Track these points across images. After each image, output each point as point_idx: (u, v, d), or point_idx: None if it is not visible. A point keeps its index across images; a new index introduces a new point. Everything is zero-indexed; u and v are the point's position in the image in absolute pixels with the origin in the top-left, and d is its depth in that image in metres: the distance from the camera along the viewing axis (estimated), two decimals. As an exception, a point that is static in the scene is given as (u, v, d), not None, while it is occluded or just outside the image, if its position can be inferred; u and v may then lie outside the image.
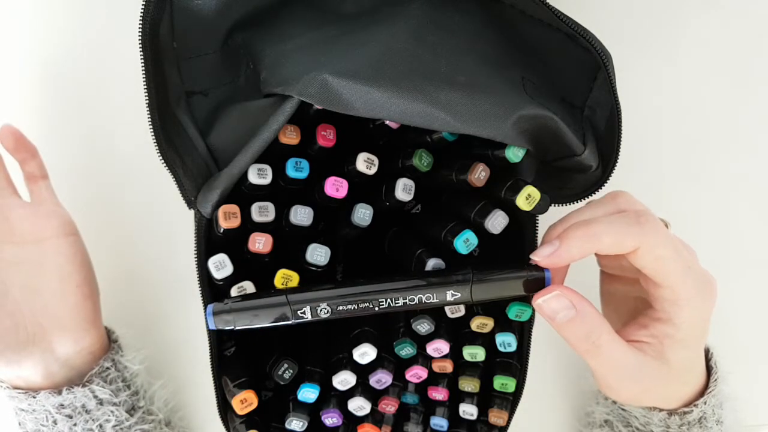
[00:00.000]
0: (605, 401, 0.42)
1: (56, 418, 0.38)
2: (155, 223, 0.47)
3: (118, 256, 0.47)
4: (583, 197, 0.38)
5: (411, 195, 0.35)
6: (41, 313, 0.38)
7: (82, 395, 0.39)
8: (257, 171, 0.34)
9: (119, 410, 0.40)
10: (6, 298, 0.38)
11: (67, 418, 0.38)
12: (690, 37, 0.48)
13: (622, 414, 0.40)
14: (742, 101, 0.48)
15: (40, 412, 0.38)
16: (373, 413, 0.38)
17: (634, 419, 0.39)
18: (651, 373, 0.34)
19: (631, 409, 0.39)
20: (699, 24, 0.44)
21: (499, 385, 0.39)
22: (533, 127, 0.33)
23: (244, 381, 0.36)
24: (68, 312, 0.39)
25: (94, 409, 0.39)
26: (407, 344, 0.37)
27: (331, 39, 0.35)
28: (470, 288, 0.32)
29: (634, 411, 0.39)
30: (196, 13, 0.35)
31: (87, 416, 0.39)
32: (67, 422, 0.38)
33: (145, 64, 0.34)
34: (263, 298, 0.33)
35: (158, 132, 0.35)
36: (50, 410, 0.38)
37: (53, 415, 0.38)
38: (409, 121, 0.31)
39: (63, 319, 0.39)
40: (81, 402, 0.39)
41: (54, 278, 0.39)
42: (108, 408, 0.40)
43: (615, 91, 0.34)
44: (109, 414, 0.39)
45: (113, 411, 0.40)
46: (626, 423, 0.40)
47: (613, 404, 0.41)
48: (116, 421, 0.40)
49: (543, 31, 0.36)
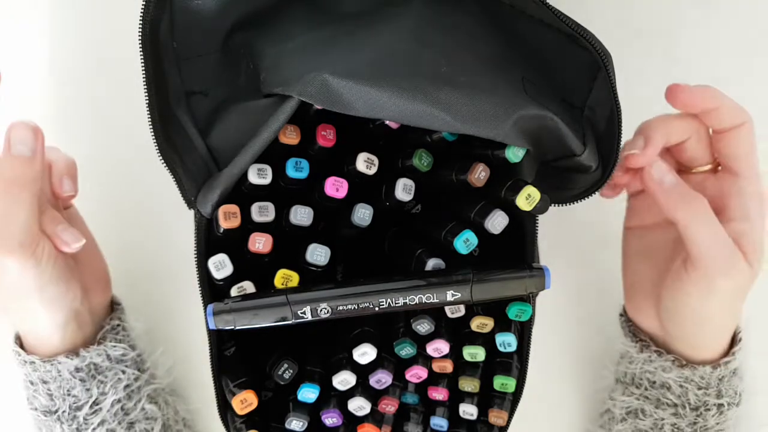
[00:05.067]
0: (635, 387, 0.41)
1: (71, 385, 0.39)
2: (155, 223, 0.47)
3: (118, 255, 0.46)
4: (583, 197, 0.38)
5: (411, 195, 0.35)
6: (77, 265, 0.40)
7: (97, 354, 0.40)
8: (257, 171, 0.34)
9: (130, 369, 0.41)
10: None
11: (81, 383, 0.39)
12: (690, 37, 0.48)
13: (655, 394, 0.40)
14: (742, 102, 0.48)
15: (54, 380, 0.39)
16: (373, 413, 0.38)
17: (668, 393, 0.39)
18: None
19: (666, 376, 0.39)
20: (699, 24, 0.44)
21: (499, 385, 0.39)
22: (533, 128, 0.33)
23: (244, 381, 0.36)
24: (95, 266, 0.42)
25: (107, 369, 0.40)
26: (407, 344, 0.37)
27: (331, 39, 0.35)
28: (470, 288, 0.32)
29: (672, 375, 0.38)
30: (196, 13, 0.35)
31: (100, 377, 0.40)
32: (81, 387, 0.39)
33: (145, 64, 0.34)
34: (263, 298, 0.33)
35: (158, 132, 0.35)
36: (66, 376, 0.39)
37: (68, 381, 0.39)
38: (409, 121, 0.31)
39: (93, 273, 0.41)
40: (95, 361, 0.40)
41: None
42: (119, 367, 0.41)
43: (615, 91, 0.34)
44: (120, 374, 0.41)
45: (124, 370, 0.41)
46: (657, 402, 0.40)
47: (648, 386, 0.40)
48: (127, 381, 0.41)
49: (543, 31, 0.36)
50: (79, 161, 0.44)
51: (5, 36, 0.46)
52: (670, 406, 0.39)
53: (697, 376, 0.38)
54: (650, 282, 0.39)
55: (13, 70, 0.46)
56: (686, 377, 0.38)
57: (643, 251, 0.39)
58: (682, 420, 0.39)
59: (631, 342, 0.41)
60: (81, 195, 0.43)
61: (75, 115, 0.46)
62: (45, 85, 0.46)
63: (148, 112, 0.34)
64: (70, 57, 0.46)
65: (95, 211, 0.44)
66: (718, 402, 0.38)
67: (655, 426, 0.40)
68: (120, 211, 0.47)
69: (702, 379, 0.38)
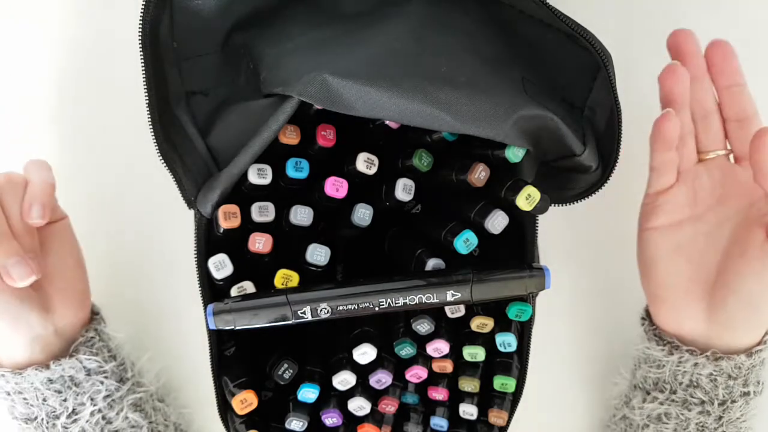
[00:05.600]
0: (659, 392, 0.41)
1: (45, 395, 0.38)
2: (155, 223, 0.47)
3: (118, 255, 0.46)
4: (583, 197, 0.38)
5: (411, 195, 0.35)
6: (47, 286, 0.39)
7: (70, 366, 0.39)
8: (257, 171, 0.34)
9: (108, 380, 0.40)
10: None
11: (56, 394, 0.38)
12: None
13: (682, 396, 0.39)
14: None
15: (28, 390, 0.38)
16: (373, 413, 0.38)
17: (696, 391, 0.39)
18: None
19: (700, 372, 0.38)
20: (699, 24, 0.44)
21: (499, 385, 0.39)
22: (533, 127, 0.33)
23: (244, 381, 0.36)
24: (70, 285, 0.40)
25: (83, 380, 0.39)
26: (407, 344, 0.37)
27: (331, 39, 0.35)
28: (470, 288, 0.32)
29: (706, 370, 0.38)
30: (196, 13, 0.35)
31: (77, 389, 0.39)
32: (57, 398, 0.38)
33: (145, 64, 0.34)
34: (263, 298, 0.33)
35: (158, 132, 0.35)
36: (39, 387, 0.38)
37: (42, 392, 0.38)
38: (409, 121, 0.31)
39: (66, 292, 0.39)
40: (69, 374, 0.39)
41: (58, 253, 0.40)
42: (97, 378, 0.40)
43: (615, 91, 0.34)
44: (98, 384, 0.40)
45: (102, 381, 0.40)
46: (684, 402, 0.39)
47: (677, 388, 0.40)
48: (107, 392, 0.40)
49: (543, 31, 0.36)
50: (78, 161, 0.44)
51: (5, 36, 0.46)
52: (697, 404, 0.39)
53: (731, 366, 0.38)
54: (687, 278, 0.38)
55: (13, 70, 0.46)
56: (721, 369, 0.38)
57: (673, 250, 0.39)
58: (708, 417, 0.39)
59: (658, 346, 0.40)
60: (81, 195, 0.43)
61: (75, 115, 0.46)
62: (45, 85, 0.46)
63: (148, 112, 0.34)
64: (71, 57, 0.46)
65: (95, 211, 0.44)
66: (744, 390, 0.38)
67: (679, 427, 0.40)
68: (120, 211, 0.47)
69: (735, 368, 0.38)
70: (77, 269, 0.41)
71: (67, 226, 0.41)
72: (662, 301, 0.40)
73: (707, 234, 0.38)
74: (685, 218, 0.38)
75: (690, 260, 0.38)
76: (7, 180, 0.37)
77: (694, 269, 0.38)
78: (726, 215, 0.38)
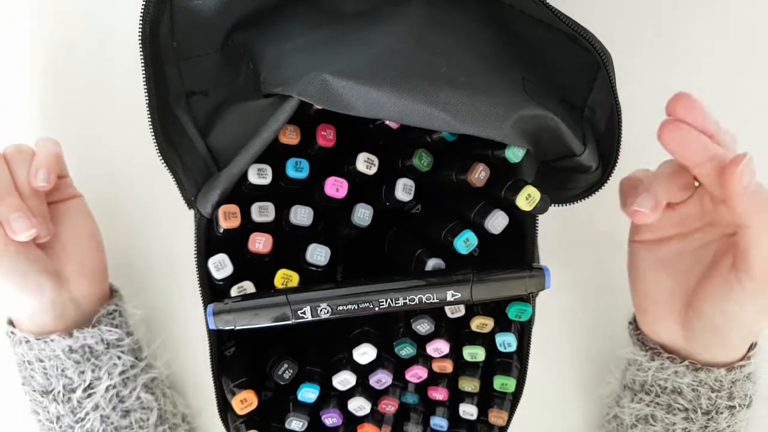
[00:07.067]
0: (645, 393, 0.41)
1: (65, 365, 0.40)
2: (155, 223, 0.47)
3: (118, 255, 0.47)
4: (583, 197, 0.38)
5: (411, 195, 0.35)
6: (61, 255, 0.41)
7: (91, 336, 0.40)
8: (257, 171, 0.34)
9: (125, 356, 0.42)
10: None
11: (75, 365, 0.40)
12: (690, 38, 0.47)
13: (666, 400, 0.40)
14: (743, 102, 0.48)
15: (49, 358, 0.39)
16: (373, 413, 0.38)
17: (679, 398, 0.39)
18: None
19: (680, 381, 0.39)
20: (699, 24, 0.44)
21: (499, 385, 0.39)
22: (533, 128, 0.33)
23: (244, 381, 0.36)
24: (85, 257, 0.42)
25: (102, 353, 0.41)
26: (407, 344, 0.37)
27: (331, 39, 0.35)
28: (470, 288, 0.32)
29: (686, 380, 0.38)
30: (196, 13, 0.35)
31: (95, 361, 0.40)
32: (75, 369, 0.40)
33: (145, 64, 0.34)
34: (263, 298, 0.33)
35: (158, 132, 0.35)
36: (60, 355, 0.39)
37: (63, 360, 0.40)
38: (409, 121, 0.31)
39: (81, 264, 0.41)
40: (89, 343, 0.40)
41: (71, 226, 0.41)
42: (114, 352, 0.41)
43: (615, 91, 0.34)
44: (116, 359, 0.41)
45: (120, 356, 0.42)
46: (668, 407, 0.40)
47: (660, 392, 0.40)
48: (122, 367, 0.42)
49: (543, 31, 0.36)
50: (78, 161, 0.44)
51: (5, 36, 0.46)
52: (681, 410, 0.39)
53: (711, 379, 0.38)
54: (669, 292, 0.38)
55: (13, 70, 0.46)
56: (701, 380, 0.38)
57: (658, 264, 0.39)
58: (693, 424, 0.39)
59: (641, 351, 0.41)
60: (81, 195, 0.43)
61: (75, 115, 0.46)
62: (45, 85, 0.46)
63: (148, 112, 0.34)
64: (71, 57, 0.46)
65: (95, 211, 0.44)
66: (729, 404, 0.38)
67: (666, 430, 0.40)
68: (120, 211, 0.47)
69: (716, 381, 0.38)
70: (92, 245, 0.42)
71: (82, 204, 0.43)
72: (644, 311, 0.40)
73: (694, 252, 0.38)
74: (670, 236, 0.38)
75: (673, 276, 0.38)
76: (17, 149, 0.40)
77: (676, 285, 0.38)
78: (713, 237, 0.37)
